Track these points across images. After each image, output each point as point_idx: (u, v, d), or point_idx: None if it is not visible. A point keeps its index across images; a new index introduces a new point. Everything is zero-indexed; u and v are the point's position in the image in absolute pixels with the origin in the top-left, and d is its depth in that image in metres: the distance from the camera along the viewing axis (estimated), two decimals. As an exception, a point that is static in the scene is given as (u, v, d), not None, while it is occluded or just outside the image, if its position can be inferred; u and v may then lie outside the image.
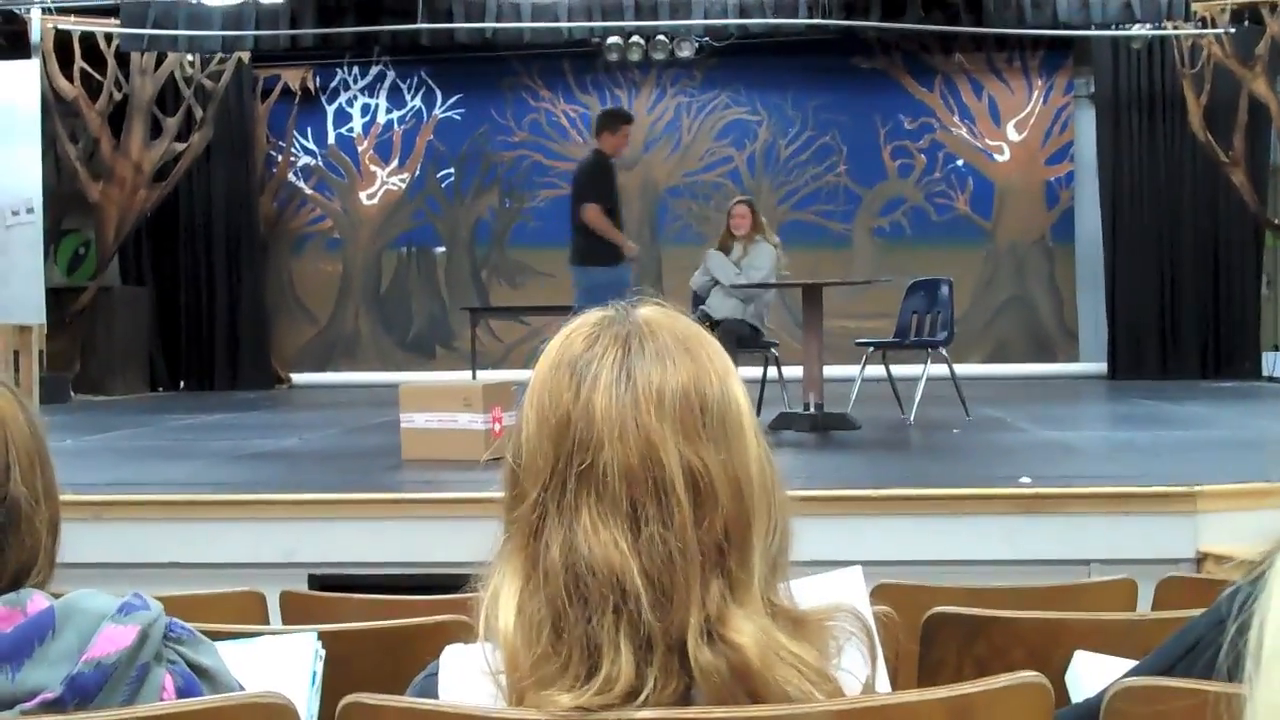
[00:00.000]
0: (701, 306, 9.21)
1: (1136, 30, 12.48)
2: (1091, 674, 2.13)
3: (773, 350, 9.44)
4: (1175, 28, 12.59)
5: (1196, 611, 1.72)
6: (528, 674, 1.38)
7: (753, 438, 1.46)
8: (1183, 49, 13.13)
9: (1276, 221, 13.01)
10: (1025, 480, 5.67)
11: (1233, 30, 12.66)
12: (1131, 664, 1.86)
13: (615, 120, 9.70)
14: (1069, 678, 2.22)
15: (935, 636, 2.40)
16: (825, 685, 1.40)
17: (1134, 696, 1.63)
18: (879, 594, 2.71)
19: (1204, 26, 12.70)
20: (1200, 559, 5.26)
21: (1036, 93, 14.72)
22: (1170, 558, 5.15)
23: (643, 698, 1.35)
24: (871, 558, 4.66)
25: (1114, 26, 12.27)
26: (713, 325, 8.36)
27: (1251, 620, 0.48)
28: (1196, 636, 1.63)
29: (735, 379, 1.48)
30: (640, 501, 1.38)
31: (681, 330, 1.49)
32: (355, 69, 15.36)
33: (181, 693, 1.58)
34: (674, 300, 1.56)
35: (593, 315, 1.52)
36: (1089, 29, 12.30)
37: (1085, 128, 14.55)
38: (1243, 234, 13.80)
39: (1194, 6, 12.07)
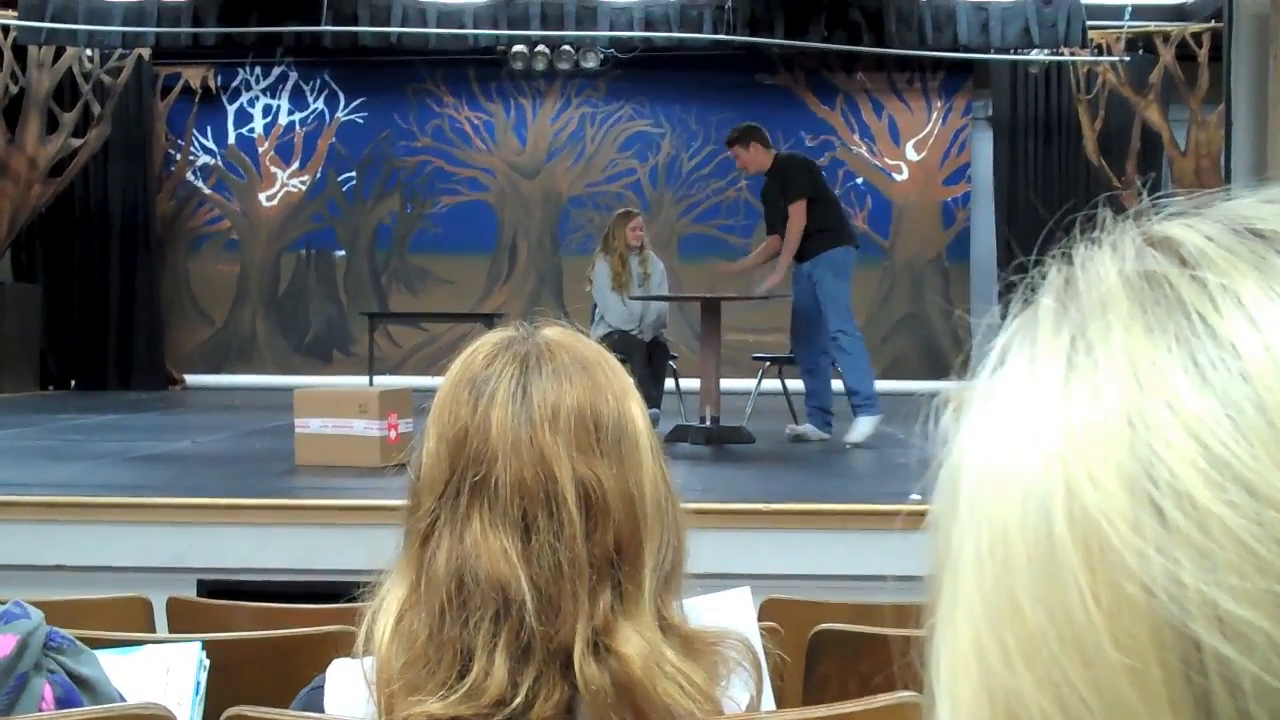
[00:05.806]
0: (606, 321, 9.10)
1: (1034, 55, 12.69)
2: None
3: (671, 363, 9.48)
4: (1072, 54, 12.81)
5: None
6: (396, 678, 1.39)
7: (648, 455, 1.47)
8: (1079, 75, 13.38)
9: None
10: (915, 496, 5.72)
11: (1127, 59, 12.89)
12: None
13: None
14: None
15: (820, 654, 2.43)
16: (708, 706, 1.42)
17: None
18: (767, 609, 2.73)
19: (1100, 54, 12.92)
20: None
21: (935, 114, 14.89)
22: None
23: (515, 706, 1.36)
24: (763, 571, 4.70)
25: (1013, 51, 12.44)
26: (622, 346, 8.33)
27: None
28: None
29: (633, 399, 1.50)
30: (532, 513, 1.40)
31: (581, 351, 1.51)
32: (258, 69, 15.19)
33: (61, 703, 1.57)
34: (575, 310, 1.58)
35: (495, 334, 1.54)
36: (988, 52, 12.47)
37: (982, 149, 14.74)
38: (1133, 259, 14.05)
39: (1090, 34, 12.28)
